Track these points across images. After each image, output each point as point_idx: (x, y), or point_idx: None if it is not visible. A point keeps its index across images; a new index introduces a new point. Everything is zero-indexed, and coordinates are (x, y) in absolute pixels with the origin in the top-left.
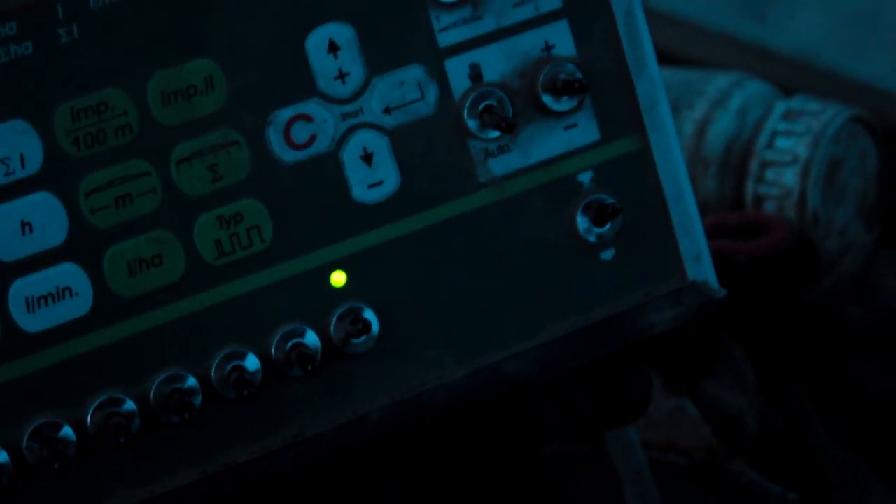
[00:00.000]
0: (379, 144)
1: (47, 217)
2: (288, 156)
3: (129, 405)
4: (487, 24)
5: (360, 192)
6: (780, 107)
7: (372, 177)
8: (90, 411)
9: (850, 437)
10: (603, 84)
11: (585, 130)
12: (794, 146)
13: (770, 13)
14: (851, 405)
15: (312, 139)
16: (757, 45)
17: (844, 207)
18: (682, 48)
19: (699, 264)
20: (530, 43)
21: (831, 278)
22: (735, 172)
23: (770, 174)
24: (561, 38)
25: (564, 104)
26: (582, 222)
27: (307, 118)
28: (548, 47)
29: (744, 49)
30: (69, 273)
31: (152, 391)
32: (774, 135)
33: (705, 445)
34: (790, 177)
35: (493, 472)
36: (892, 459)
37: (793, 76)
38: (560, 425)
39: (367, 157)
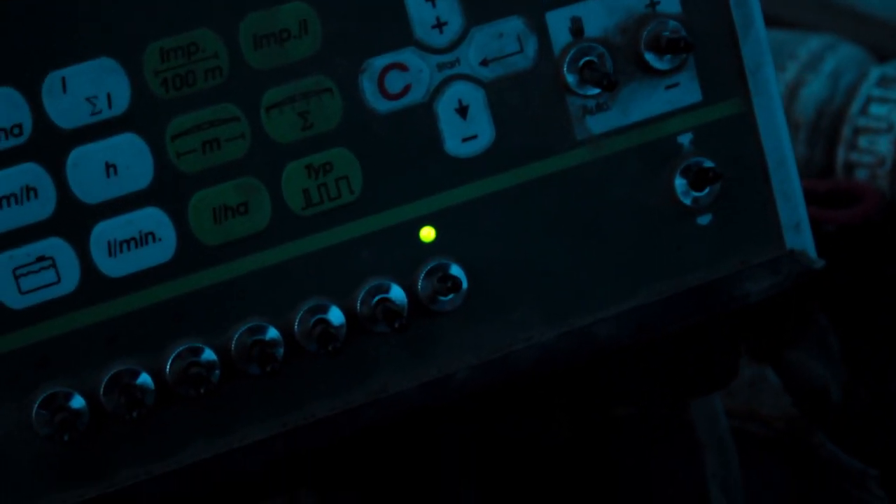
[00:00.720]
0: (475, 97)
1: (132, 159)
2: (381, 105)
3: (210, 355)
4: None
5: (454, 145)
6: (876, 72)
7: (466, 130)
8: (170, 360)
9: None
10: (707, 43)
11: (687, 91)
12: (889, 113)
13: None
14: None
15: (407, 89)
16: (850, 7)
17: None
18: (772, 9)
19: (798, 233)
20: None
21: None
22: (825, 138)
23: (863, 141)
24: None
25: (667, 63)
26: (680, 185)
27: (402, 67)
28: (652, 3)
29: (837, 11)
30: (153, 218)
31: (234, 342)
32: (869, 101)
33: (786, 416)
34: (884, 144)
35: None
36: None
37: (886, 40)
38: (644, 392)
39: (462, 110)
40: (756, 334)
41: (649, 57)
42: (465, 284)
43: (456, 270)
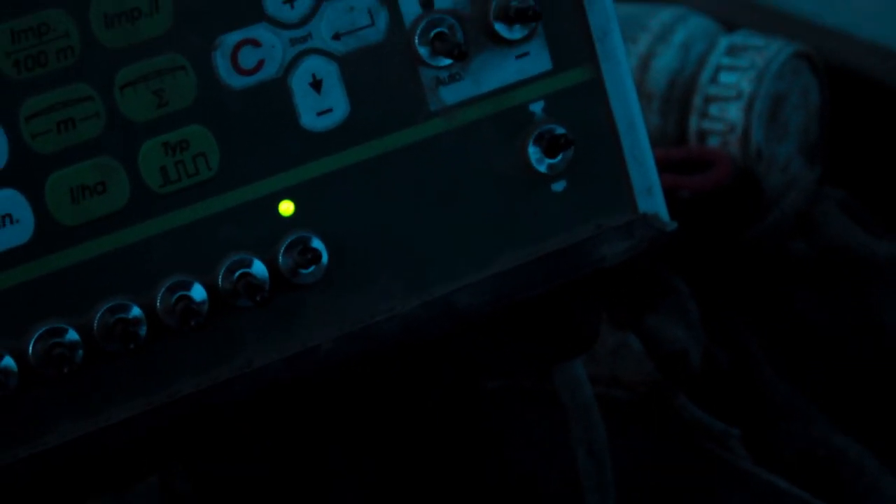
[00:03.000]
0: (328, 71)
1: None
2: (235, 81)
3: (72, 335)
4: None
5: (309, 119)
6: (724, 42)
7: (321, 104)
8: (32, 342)
9: (794, 372)
10: (555, 13)
11: (537, 60)
12: (737, 81)
13: None
14: (795, 339)
15: (260, 65)
16: None
17: (787, 143)
18: None
19: (650, 197)
20: None
21: (775, 214)
22: (678, 107)
23: (713, 109)
24: None
25: (517, 32)
26: (533, 153)
27: (255, 43)
28: None
29: None
30: (9, 199)
31: (96, 321)
32: (718, 70)
33: (649, 381)
34: (734, 112)
35: (436, 409)
36: (835, 393)
37: (734, 11)
38: (506, 359)
39: (316, 84)
40: (616, 301)
41: (499, 27)
42: (325, 257)
43: (316, 243)
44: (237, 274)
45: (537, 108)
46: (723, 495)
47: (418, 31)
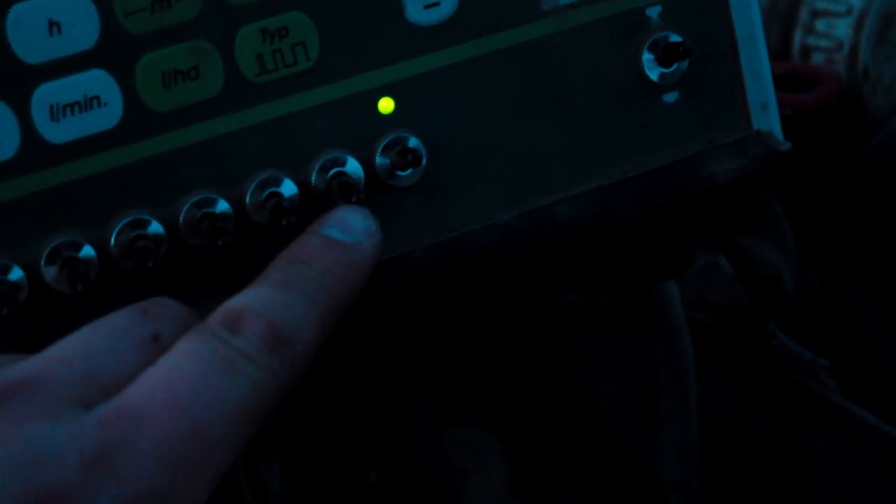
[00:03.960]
0: None
1: (77, 17)
2: None
3: (157, 227)
4: None
5: (415, 12)
6: None
7: None
8: (115, 232)
9: (890, 303)
10: None
11: None
12: None
13: None
14: (893, 270)
15: None
16: None
17: (894, 63)
18: None
19: (766, 113)
20: None
21: (879, 137)
22: (782, 20)
23: (820, 25)
24: None
25: None
26: (647, 60)
27: None
28: None
29: None
30: (98, 80)
31: (182, 214)
32: None
33: (737, 304)
34: (842, 28)
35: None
36: None
37: None
38: (600, 276)
39: None
40: (710, 221)
41: None
42: (424, 159)
43: (415, 144)
44: (331, 172)
45: (654, 12)
46: (808, 428)
47: None
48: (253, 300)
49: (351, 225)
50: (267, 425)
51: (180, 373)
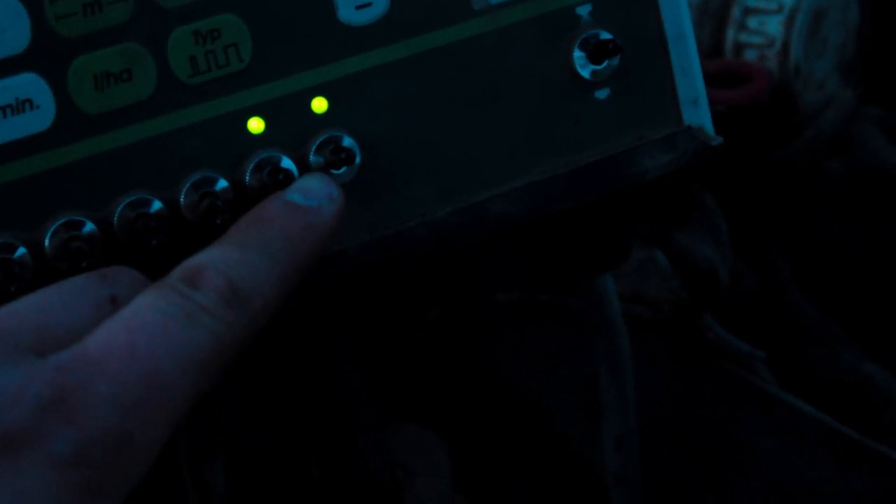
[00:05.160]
0: None
1: (8, 21)
2: None
3: (91, 228)
4: None
5: (347, 12)
6: None
7: None
8: (48, 233)
9: (823, 296)
10: None
11: None
12: None
13: None
14: (825, 263)
15: None
16: None
17: (825, 60)
18: None
19: (696, 108)
20: None
21: (810, 132)
22: (714, 19)
23: (752, 22)
24: None
25: None
26: (578, 58)
27: None
28: None
29: None
30: (30, 83)
31: (116, 215)
32: None
33: (674, 299)
34: (774, 25)
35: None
36: (864, 319)
37: None
38: (534, 272)
39: None
40: (645, 216)
41: None
42: (358, 157)
43: (349, 142)
44: (266, 171)
45: (584, 11)
46: (746, 418)
47: None
48: (212, 257)
49: (313, 190)
50: (211, 425)
51: (139, 322)
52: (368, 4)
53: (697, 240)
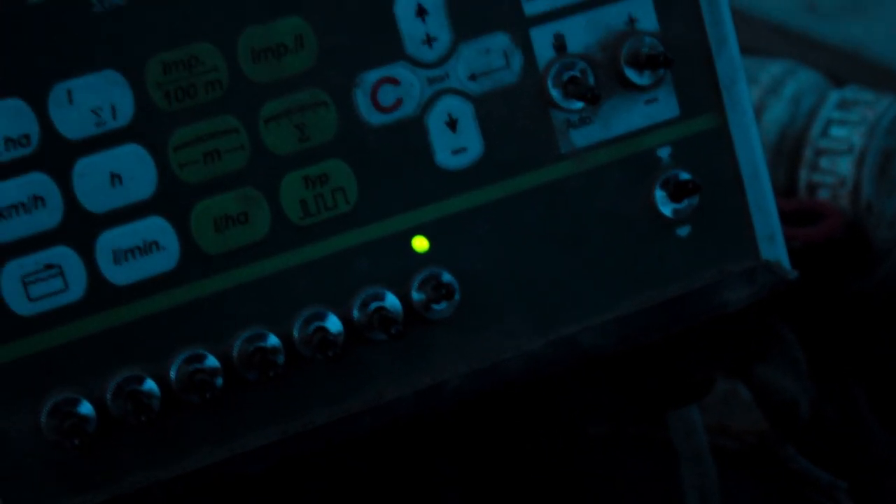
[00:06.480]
0: (464, 111)
1: (136, 170)
2: (374, 118)
3: (212, 361)
4: None
5: (444, 157)
6: (834, 96)
7: (456, 143)
8: (174, 366)
9: None
10: (683, 60)
11: (665, 106)
12: (848, 135)
13: (820, 1)
14: None
15: (399, 103)
16: (806, 34)
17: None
18: None
19: (773, 244)
20: (614, 16)
21: (883, 268)
22: (788, 159)
23: (824, 162)
24: (644, 12)
25: (646, 78)
26: (660, 197)
27: (394, 81)
28: (631, 20)
29: (794, 38)
30: (157, 227)
31: (235, 349)
32: (829, 123)
33: (757, 430)
34: (845, 165)
35: (540, 450)
36: None
37: (841, 66)
38: (621, 403)
39: (452, 123)
40: (727, 348)
41: (629, 72)
42: (457, 293)
43: (448, 279)
44: (372, 307)
45: (664, 153)
46: None
47: (551, 74)
48: None
49: None
50: None
51: None
52: (464, 150)
53: (778, 372)
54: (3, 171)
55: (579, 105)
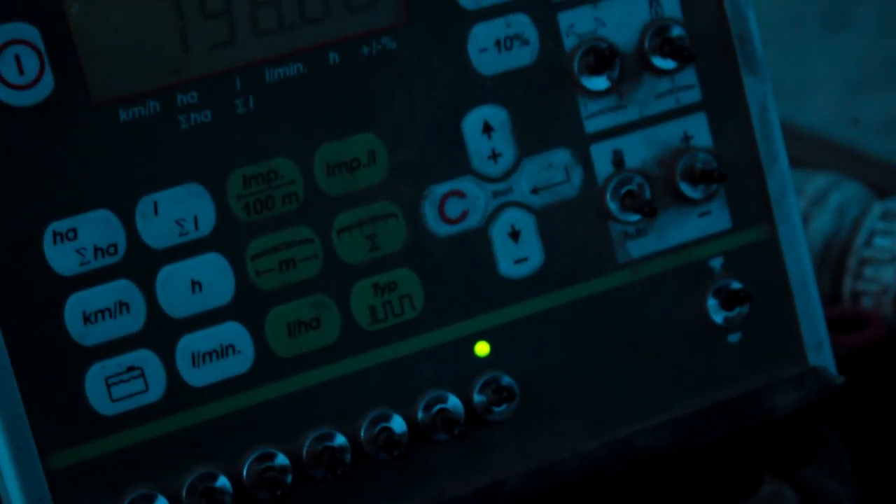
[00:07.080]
0: (526, 223)
1: (216, 277)
2: (441, 229)
3: (283, 460)
4: (631, 114)
5: (507, 267)
6: (878, 207)
7: (518, 253)
8: (247, 464)
9: None
10: (736, 175)
11: (718, 218)
12: (892, 245)
13: (863, 117)
14: None
15: (464, 215)
16: (851, 148)
17: None
18: None
19: (820, 351)
20: (670, 133)
21: None
22: (832, 268)
23: (868, 271)
24: (699, 130)
25: (700, 192)
26: (712, 306)
27: (461, 194)
28: (686, 137)
29: (838, 152)
30: (233, 331)
31: (305, 448)
32: (873, 234)
33: None
34: (888, 274)
35: None
36: None
37: (885, 178)
38: (671, 502)
39: (515, 235)
40: (775, 450)
41: (684, 187)
42: (517, 396)
43: (508, 382)
44: (435, 409)
45: (716, 263)
46: None
47: (610, 188)
48: None
49: None
50: None
51: None
52: (525, 259)
53: (823, 475)
54: (91, 279)
55: (636, 217)
